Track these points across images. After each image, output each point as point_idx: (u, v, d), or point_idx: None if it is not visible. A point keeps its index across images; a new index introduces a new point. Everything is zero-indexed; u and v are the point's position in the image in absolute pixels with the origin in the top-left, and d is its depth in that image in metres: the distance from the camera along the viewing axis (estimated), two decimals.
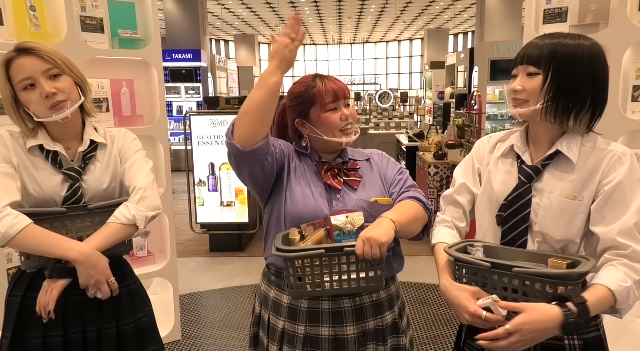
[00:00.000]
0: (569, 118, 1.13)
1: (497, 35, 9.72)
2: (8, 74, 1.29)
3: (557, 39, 1.12)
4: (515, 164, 1.23)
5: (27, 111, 1.32)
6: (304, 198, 1.31)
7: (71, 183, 1.36)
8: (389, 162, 1.46)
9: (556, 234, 1.14)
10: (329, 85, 1.32)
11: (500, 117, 6.85)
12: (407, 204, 1.32)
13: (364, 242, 1.13)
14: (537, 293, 1.05)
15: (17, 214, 1.23)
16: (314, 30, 20.85)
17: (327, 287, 1.18)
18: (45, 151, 1.35)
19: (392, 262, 1.37)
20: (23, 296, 1.33)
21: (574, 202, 1.12)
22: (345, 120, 1.33)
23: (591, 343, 1.13)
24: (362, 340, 1.31)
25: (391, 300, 1.38)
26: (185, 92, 9.78)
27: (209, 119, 4.37)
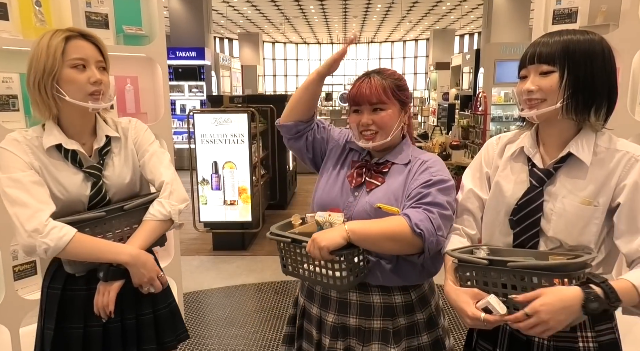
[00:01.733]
0: (589, 113, 1.10)
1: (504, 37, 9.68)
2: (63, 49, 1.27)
3: (566, 35, 1.10)
4: (526, 168, 1.20)
5: (60, 92, 1.26)
6: (327, 187, 1.41)
7: (94, 181, 1.34)
8: (424, 172, 1.30)
9: (570, 240, 1.11)
10: (352, 90, 1.35)
11: (506, 119, 6.82)
12: (391, 219, 1.22)
13: (311, 241, 1.20)
14: (535, 287, 1.02)
15: (62, 225, 1.22)
16: (318, 29, 20.84)
17: (301, 273, 1.30)
18: (63, 150, 1.31)
19: (392, 272, 1.31)
20: (62, 288, 1.34)
21: (589, 208, 1.09)
22: (363, 126, 1.33)
23: (606, 346, 1.10)
24: (340, 331, 1.36)
25: (389, 309, 1.34)
26: (188, 91, 9.78)
27: (213, 118, 4.36)
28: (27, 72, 1.27)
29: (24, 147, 1.27)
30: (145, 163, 1.44)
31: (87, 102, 1.28)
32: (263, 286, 3.79)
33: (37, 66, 1.24)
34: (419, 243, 1.20)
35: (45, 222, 1.20)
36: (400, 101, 1.34)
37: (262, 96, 9.08)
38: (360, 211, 1.31)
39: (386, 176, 1.35)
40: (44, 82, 1.24)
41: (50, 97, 1.26)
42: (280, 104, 5.84)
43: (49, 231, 1.19)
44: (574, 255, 1.07)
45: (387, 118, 1.31)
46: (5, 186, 1.22)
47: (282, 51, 25.27)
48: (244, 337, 2.97)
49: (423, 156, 1.36)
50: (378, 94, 1.30)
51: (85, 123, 1.36)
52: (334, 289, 1.33)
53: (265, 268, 4.15)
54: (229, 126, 4.36)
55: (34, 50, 1.26)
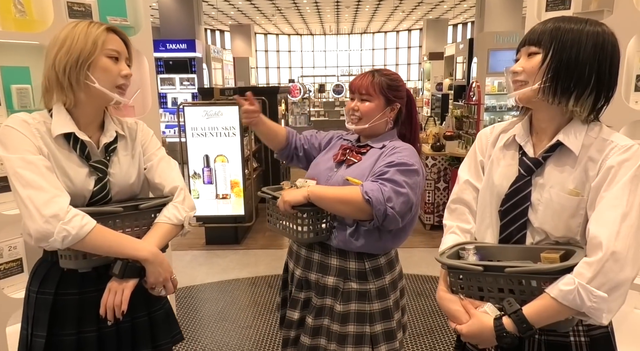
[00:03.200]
0: (569, 99, 1.06)
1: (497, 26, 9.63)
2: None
3: (561, 21, 1.08)
4: (517, 156, 1.17)
5: (90, 78, 1.22)
6: (315, 165, 1.70)
7: (99, 177, 1.28)
8: (392, 155, 1.50)
9: (556, 231, 1.09)
10: (354, 79, 1.61)
11: (500, 109, 6.80)
12: (348, 187, 1.45)
13: (280, 197, 1.49)
14: (534, 291, 1.01)
15: (83, 214, 1.18)
16: (311, 20, 20.68)
17: (277, 226, 1.60)
18: (72, 140, 1.25)
19: (349, 237, 1.50)
20: (55, 293, 1.26)
21: (575, 199, 1.06)
22: (350, 110, 1.60)
23: (598, 340, 1.09)
24: (304, 283, 1.62)
25: (343, 271, 1.55)
26: (180, 84, 9.66)
27: (204, 111, 4.30)
28: (52, 55, 1.22)
29: (33, 130, 1.21)
30: (153, 167, 1.41)
31: (114, 92, 1.26)
32: (257, 280, 3.77)
33: (71, 49, 1.21)
34: (368, 209, 1.39)
35: (66, 208, 1.15)
36: (386, 97, 1.56)
37: (254, 88, 8.99)
38: (334, 182, 1.55)
39: (364, 156, 1.57)
40: (78, 65, 1.21)
41: (75, 82, 1.22)
42: (272, 96, 5.77)
43: (71, 218, 1.14)
44: (564, 250, 1.04)
45: (368, 109, 1.56)
46: (17, 166, 1.15)
47: (274, 43, 25.08)
48: (237, 332, 2.95)
49: (397, 143, 1.57)
50: (366, 86, 1.55)
51: (97, 116, 1.33)
52: (295, 241, 1.62)
53: (259, 262, 4.12)
54: (220, 118, 4.31)
55: (66, 35, 1.24)
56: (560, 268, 0.99)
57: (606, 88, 1.07)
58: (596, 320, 0.97)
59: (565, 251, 1.04)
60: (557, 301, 0.97)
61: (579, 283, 0.96)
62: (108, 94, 1.25)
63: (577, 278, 0.96)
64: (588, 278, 0.96)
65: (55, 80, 1.23)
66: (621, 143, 1.05)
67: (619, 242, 0.96)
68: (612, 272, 0.96)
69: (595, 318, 0.97)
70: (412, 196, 1.44)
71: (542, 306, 0.99)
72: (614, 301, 0.96)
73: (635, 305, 2.52)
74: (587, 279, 0.96)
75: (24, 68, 2.11)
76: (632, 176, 1.01)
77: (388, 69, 1.64)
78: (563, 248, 1.06)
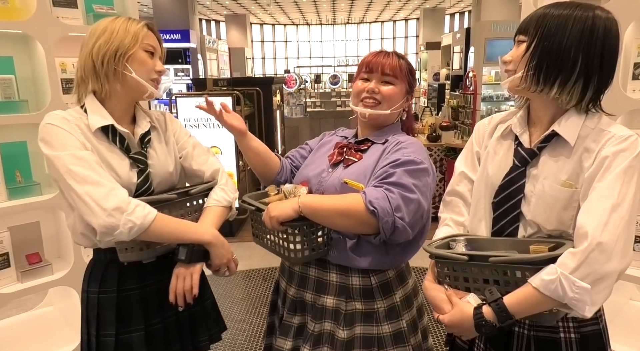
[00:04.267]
0: (552, 87, 1.03)
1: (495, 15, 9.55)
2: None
3: (551, 7, 1.05)
4: (513, 147, 1.14)
5: (127, 69, 1.23)
6: (305, 167, 1.45)
7: (141, 168, 1.28)
8: (397, 151, 1.27)
9: (548, 224, 1.06)
10: (367, 57, 1.37)
11: (497, 98, 6.75)
12: (348, 195, 1.20)
13: (266, 210, 1.21)
14: (519, 281, 0.98)
15: (144, 203, 1.19)
16: (307, 10, 20.49)
17: (265, 242, 1.33)
18: (111, 133, 1.26)
19: (351, 252, 1.27)
20: (117, 290, 1.28)
21: (569, 190, 1.03)
22: (369, 92, 1.34)
23: (589, 336, 1.06)
24: (298, 305, 1.37)
25: (345, 289, 1.30)
26: (174, 75, 9.58)
27: (197, 102, 4.23)
28: (90, 45, 1.24)
29: (74, 126, 1.21)
30: (189, 154, 1.42)
31: (149, 83, 1.27)
32: (251, 273, 3.74)
33: (111, 40, 1.23)
34: (373, 221, 1.15)
35: (127, 199, 1.16)
36: (409, 84, 1.38)
37: (248, 78, 8.91)
38: (329, 186, 1.31)
39: (365, 154, 1.35)
40: (117, 56, 1.22)
41: (112, 72, 1.23)
42: (267, 86, 5.71)
43: (133, 208, 1.15)
44: (554, 243, 1.02)
45: (394, 93, 1.34)
46: (70, 163, 1.15)
47: (270, 33, 24.88)
48: (231, 326, 2.92)
49: (402, 138, 1.34)
50: (393, 66, 1.33)
51: (129, 109, 1.33)
52: (287, 261, 1.34)
53: (254, 255, 4.10)
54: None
55: (105, 26, 1.25)
56: (544, 258, 0.96)
57: (597, 75, 1.02)
58: (579, 312, 0.94)
59: (555, 243, 1.01)
60: (538, 290, 0.94)
61: (561, 273, 0.93)
62: (144, 84, 1.26)
63: (559, 268, 0.94)
64: (571, 268, 0.93)
65: (91, 68, 1.23)
66: (619, 134, 1.01)
67: (607, 233, 0.93)
68: (597, 263, 0.93)
69: (577, 309, 0.94)
70: (424, 201, 1.21)
71: (523, 295, 0.96)
72: (598, 294, 0.93)
73: (631, 296, 2.51)
74: (571, 269, 0.93)
75: (8, 58, 2.06)
76: (627, 166, 0.97)
77: (400, 52, 1.41)
78: (553, 240, 1.03)
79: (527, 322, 1.08)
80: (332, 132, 1.55)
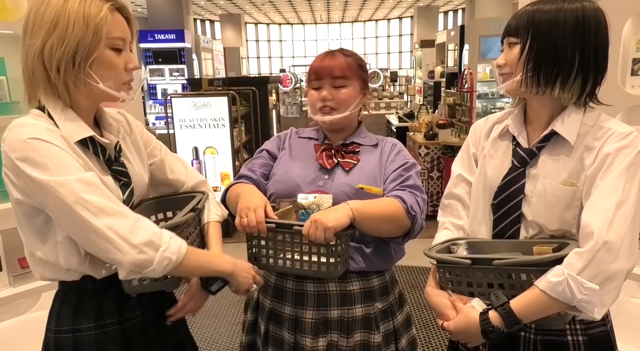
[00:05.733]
0: (553, 87, 1.01)
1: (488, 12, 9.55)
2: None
3: (537, 5, 1.02)
4: (511, 147, 1.12)
5: (91, 77, 0.97)
6: (285, 176, 1.32)
7: (124, 182, 1.08)
8: (398, 154, 1.32)
9: (550, 224, 1.04)
10: (314, 63, 1.31)
11: (492, 96, 6.74)
12: (386, 200, 1.21)
13: (311, 223, 1.09)
14: (524, 284, 0.96)
15: (172, 234, 1.00)
16: (301, 9, 20.45)
17: (280, 264, 1.18)
18: (91, 145, 1.02)
19: (373, 256, 1.28)
20: (119, 322, 1.08)
21: (570, 189, 1.01)
22: (322, 100, 1.28)
23: (597, 339, 1.04)
24: (322, 326, 1.27)
25: (369, 294, 1.29)
26: (169, 75, 9.54)
27: (192, 102, 4.21)
28: (40, 42, 0.94)
29: (59, 138, 0.95)
30: (162, 162, 1.24)
31: (120, 91, 1.02)
32: None
33: (66, 38, 0.93)
34: (409, 225, 1.20)
35: (158, 232, 0.97)
36: (363, 80, 1.32)
37: (243, 78, 8.89)
38: (338, 193, 1.24)
39: (359, 155, 1.32)
40: (76, 64, 0.95)
41: (72, 83, 0.97)
42: (262, 86, 5.68)
43: (167, 242, 0.96)
44: (558, 243, 0.99)
45: (348, 95, 1.28)
46: (80, 191, 0.91)
47: (265, 32, 24.82)
48: (227, 329, 2.90)
49: (388, 139, 1.39)
50: (342, 68, 1.27)
51: (92, 112, 1.08)
52: (323, 277, 1.22)
53: None
54: (208, 109, 4.23)
55: (55, 13, 0.93)
56: (550, 259, 0.94)
57: (594, 68, 1.01)
58: (588, 314, 0.91)
59: (558, 244, 0.99)
60: (545, 293, 0.92)
61: (568, 274, 0.91)
62: (114, 94, 1.02)
63: (566, 269, 0.91)
64: (578, 269, 0.91)
65: (43, 77, 0.96)
66: (619, 130, 1.00)
67: (613, 231, 0.91)
68: (605, 263, 0.90)
69: (586, 312, 0.91)
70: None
71: (530, 299, 0.94)
72: (606, 294, 0.91)
73: (632, 294, 2.50)
74: (578, 270, 0.91)
75: None
76: (630, 163, 0.95)
77: (345, 48, 1.35)
78: (557, 241, 1.01)
79: (533, 326, 1.05)
80: (288, 134, 1.43)
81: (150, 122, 8.90)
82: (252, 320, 1.40)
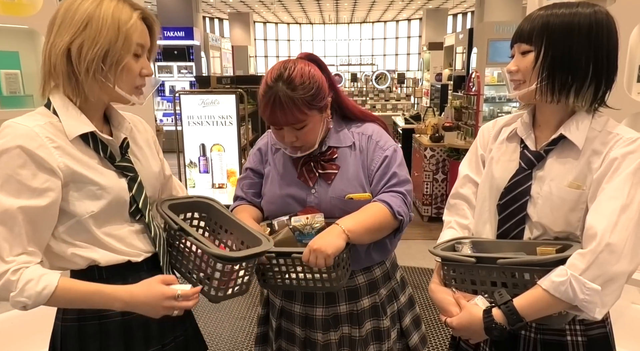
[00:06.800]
0: (568, 95, 1.02)
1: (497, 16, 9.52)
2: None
3: (551, 10, 1.02)
4: (519, 150, 1.14)
5: (108, 78, 1.00)
6: (273, 195, 1.34)
7: (131, 176, 1.09)
8: (375, 147, 1.30)
9: (555, 226, 1.05)
10: (264, 112, 1.21)
11: (499, 99, 6.75)
12: (373, 209, 1.22)
13: (310, 252, 1.13)
14: (527, 284, 0.98)
15: (32, 277, 0.95)
16: (310, 9, 20.48)
17: (287, 283, 1.23)
18: (92, 140, 1.04)
19: (371, 253, 1.34)
20: (122, 314, 1.08)
21: (576, 192, 1.02)
22: (287, 143, 1.26)
23: (596, 340, 1.06)
24: (332, 321, 1.34)
25: (373, 284, 1.37)
26: (177, 72, 9.60)
27: (200, 99, 4.24)
28: (67, 38, 0.96)
29: (44, 140, 0.96)
30: (171, 180, 1.33)
31: (131, 95, 1.05)
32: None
33: (98, 40, 0.96)
34: (397, 225, 1.27)
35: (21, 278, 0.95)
36: (318, 108, 1.23)
37: (251, 76, 8.91)
38: (328, 207, 1.28)
39: (338, 162, 1.30)
40: (106, 66, 0.98)
41: (92, 80, 0.99)
42: None
43: (22, 287, 0.95)
44: (561, 245, 1.01)
45: (310, 133, 1.24)
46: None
47: (273, 31, 24.87)
48: (230, 323, 2.93)
49: (363, 130, 1.34)
50: (294, 116, 1.18)
51: (100, 110, 1.10)
52: (329, 290, 1.26)
53: None
54: (216, 107, 4.26)
55: (88, 13, 0.97)
56: (554, 260, 0.96)
57: (605, 75, 1.03)
58: (589, 314, 0.94)
59: (562, 246, 1.01)
60: (548, 293, 0.94)
61: (571, 275, 0.93)
62: (126, 97, 1.05)
63: (569, 270, 0.94)
64: (581, 270, 0.93)
65: (65, 72, 0.99)
66: (627, 136, 1.01)
67: (616, 234, 0.93)
68: (607, 264, 0.92)
69: (588, 311, 0.93)
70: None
71: (533, 298, 0.96)
72: (608, 295, 0.93)
73: (633, 299, 2.50)
74: (580, 270, 0.93)
75: (13, 53, 2.07)
76: (636, 168, 0.97)
77: (291, 72, 1.19)
78: (561, 242, 1.03)
79: (534, 325, 1.07)
80: (268, 147, 1.40)
81: (158, 118, 8.96)
82: (263, 314, 1.49)
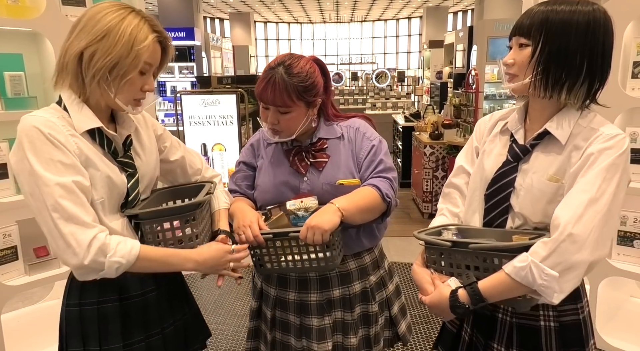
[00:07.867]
0: (560, 91, 1.05)
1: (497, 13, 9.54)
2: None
3: (551, 6, 1.04)
4: (509, 143, 1.18)
5: (110, 87, 1.07)
6: (267, 184, 1.40)
7: (130, 172, 1.17)
8: (363, 138, 1.39)
9: (534, 217, 1.10)
10: (258, 86, 1.30)
11: (499, 97, 6.76)
12: (364, 192, 1.31)
13: (307, 229, 1.20)
14: (496, 268, 1.04)
15: (120, 240, 1.07)
16: (310, 8, 20.49)
17: (284, 266, 1.29)
18: (98, 136, 1.12)
19: (361, 238, 1.42)
20: (119, 299, 1.17)
21: (554, 185, 1.06)
22: (269, 123, 1.33)
23: (568, 326, 1.10)
24: (326, 306, 1.40)
25: (364, 270, 1.44)
26: (179, 72, 9.63)
27: (201, 99, 4.28)
28: (85, 42, 1.04)
29: (61, 127, 1.05)
30: (183, 158, 1.38)
31: (128, 106, 1.12)
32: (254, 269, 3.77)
33: (110, 54, 1.03)
34: (384, 209, 1.35)
35: (111, 242, 1.06)
36: (306, 101, 1.31)
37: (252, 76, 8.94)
38: (321, 192, 1.35)
39: (328, 151, 1.39)
40: (112, 76, 1.05)
41: (96, 85, 1.07)
42: None
43: (114, 248, 1.05)
44: (537, 234, 1.06)
45: (292, 121, 1.31)
46: (59, 196, 1.01)
47: (274, 31, 24.89)
48: (233, 321, 2.97)
49: (350, 123, 1.44)
50: (282, 99, 1.26)
51: (105, 110, 1.17)
52: (326, 270, 1.36)
53: None
54: (217, 107, 4.30)
55: (110, 26, 1.04)
56: (519, 246, 1.01)
57: (599, 74, 1.05)
58: (547, 298, 0.98)
59: (537, 235, 1.06)
60: (510, 276, 0.99)
61: (531, 261, 0.98)
62: (122, 107, 1.12)
63: (531, 256, 0.99)
64: (542, 257, 0.97)
65: (74, 73, 1.07)
66: (607, 132, 1.04)
67: (580, 225, 0.96)
68: (567, 253, 0.96)
69: (545, 296, 0.98)
70: None
71: (497, 280, 1.02)
72: (566, 282, 0.97)
73: (632, 293, 2.53)
74: (541, 257, 0.97)
75: (17, 55, 2.10)
76: (610, 164, 1.00)
77: (294, 61, 1.30)
78: (537, 232, 1.08)
79: (509, 309, 1.13)
80: (260, 141, 1.48)
81: (159, 119, 9.00)
82: (256, 307, 1.50)
